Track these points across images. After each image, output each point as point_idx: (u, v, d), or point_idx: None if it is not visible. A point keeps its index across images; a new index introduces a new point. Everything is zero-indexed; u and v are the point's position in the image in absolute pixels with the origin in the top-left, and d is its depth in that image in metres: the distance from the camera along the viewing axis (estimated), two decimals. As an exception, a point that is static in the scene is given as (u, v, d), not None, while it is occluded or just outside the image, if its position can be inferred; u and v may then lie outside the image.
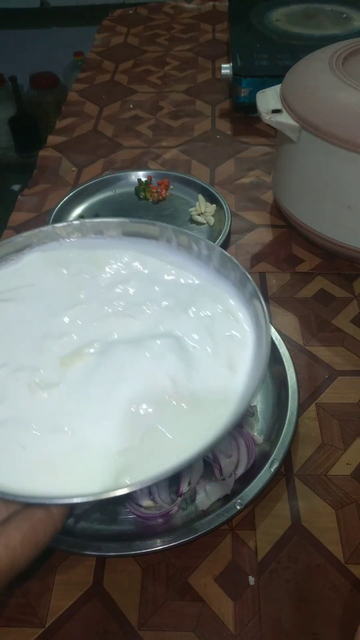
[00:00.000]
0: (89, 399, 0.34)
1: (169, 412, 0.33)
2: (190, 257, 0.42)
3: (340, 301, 0.60)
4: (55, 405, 0.34)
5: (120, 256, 0.42)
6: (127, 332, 0.37)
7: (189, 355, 0.36)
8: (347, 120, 0.53)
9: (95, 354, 0.36)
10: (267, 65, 0.86)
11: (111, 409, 0.33)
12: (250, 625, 0.37)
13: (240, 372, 0.35)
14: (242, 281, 0.38)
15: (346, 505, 0.43)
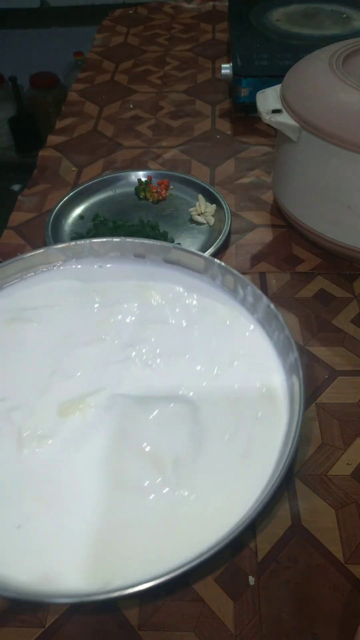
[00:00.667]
0: (75, 469, 0.30)
1: (162, 501, 0.29)
2: (234, 303, 0.38)
3: (340, 301, 0.60)
4: (39, 469, 0.30)
5: (169, 290, 0.38)
6: (141, 384, 0.33)
7: (201, 433, 0.31)
8: (347, 120, 0.53)
9: (98, 407, 0.32)
10: (267, 65, 0.86)
11: (95, 488, 0.29)
12: (250, 625, 0.37)
13: (256, 467, 0.30)
14: (285, 347, 0.34)
15: (346, 505, 0.43)
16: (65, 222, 0.71)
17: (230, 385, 0.34)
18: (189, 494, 0.29)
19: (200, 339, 0.36)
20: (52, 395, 0.33)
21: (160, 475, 0.30)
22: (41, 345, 0.35)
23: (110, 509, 0.29)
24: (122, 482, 0.30)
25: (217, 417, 0.32)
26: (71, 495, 0.29)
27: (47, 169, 0.82)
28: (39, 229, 0.70)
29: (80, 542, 0.28)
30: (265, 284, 0.62)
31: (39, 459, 0.30)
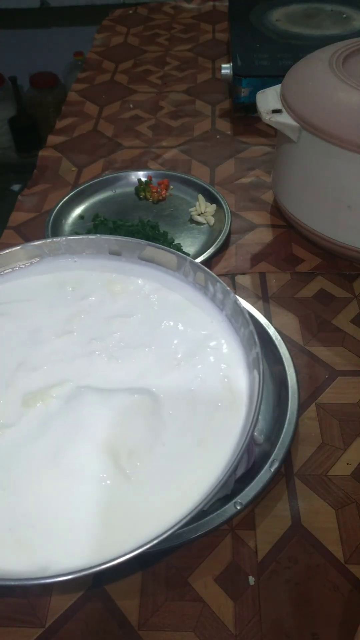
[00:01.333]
0: (34, 456, 0.31)
1: (114, 491, 0.29)
2: (204, 299, 0.39)
3: (340, 301, 0.60)
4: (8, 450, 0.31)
5: (140, 286, 0.39)
6: (105, 377, 0.34)
7: (160, 424, 0.32)
8: (347, 120, 0.53)
9: (60, 398, 0.33)
10: (267, 65, 0.86)
11: (51, 476, 0.30)
12: (250, 625, 0.37)
13: (211, 456, 0.31)
14: (249, 342, 0.35)
15: (346, 505, 0.43)
16: (65, 222, 0.71)
17: (192, 378, 0.35)
18: (142, 484, 0.30)
19: (165, 333, 0.37)
20: (17, 387, 0.34)
21: (114, 465, 0.31)
22: (10, 339, 0.36)
23: (60, 496, 0.30)
24: (75, 470, 0.31)
25: (177, 409, 0.33)
26: (24, 481, 0.30)
27: (47, 169, 0.82)
28: (39, 229, 0.70)
29: (23, 526, 0.29)
30: (265, 284, 0.62)
31: (0, 446, 0.32)
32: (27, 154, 1.98)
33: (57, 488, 0.30)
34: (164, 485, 0.30)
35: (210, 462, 0.31)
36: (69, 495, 0.30)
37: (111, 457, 0.31)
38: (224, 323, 0.38)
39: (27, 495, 0.30)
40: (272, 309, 0.59)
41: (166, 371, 0.35)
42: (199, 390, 0.34)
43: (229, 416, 0.33)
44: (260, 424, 0.48)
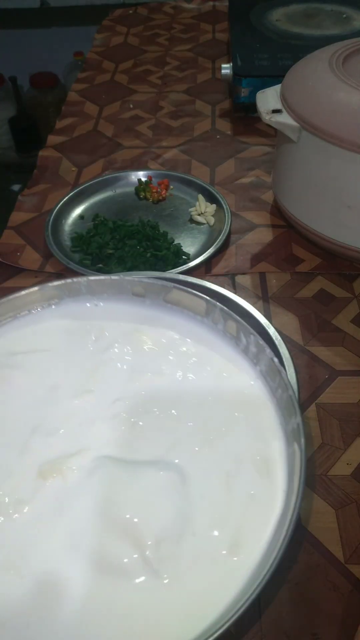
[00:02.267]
0: (51, 537, 0.28)
1: (140, 590, 0.26)
2: (235, 352, 0.35)
3: (340, 301, 0.60)
4: (14, 535, 0.28)
5: (162, 337, 0.35)
6: (129, 446, 0.30)
7: (190, 508, 0.28)
8: (347, 120, 0.53)
9: (80, 470, 0.29)
10: (267, 65, 0.86)
11: (72, 561, 0.26)
12: (250, 625, 0.37)
13: (245, 556, 0.27)
14: (288, 409, 0.30)
15: (346, 505, 0.43)
16: (65, 222, 0.71)
17: (223, 453, 0.30)
18: (170, 580, 0.26)
19: (194, 394, 0.33)
20: (32, 454, 0.30)
21: (140, 557, 0.27)
22: (25, 397, 0.32)
23: (89, 594, 0.26)
24: (96, 561, 0.27)
25: (207, 492, 0.29)
26: (47, 569, 0.27)
27: (47, 169, 0.82)
28: (39, 229, 0.70)
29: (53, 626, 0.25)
30: (265, 284, 0.62)
31: (15, 526, 0.28)
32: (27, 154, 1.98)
33: (86, 584, 0.27)
34: (194, 585, 0.26)
35: (242, 566, 0.27)
36: (101, 594, 0.26)
37: (137, 548, 0.27)
38: (258, 383, 0.34)
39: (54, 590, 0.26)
40: (272, 309, 0.59)
41: (195, 444, 0.31)
42: (230, 470, 0.30)
43: (265, 506, 0.29)
44: (261, 424, 0.47)
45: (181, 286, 0.37)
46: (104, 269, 0.63)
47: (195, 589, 0.26)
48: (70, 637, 0.24)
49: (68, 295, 0.37)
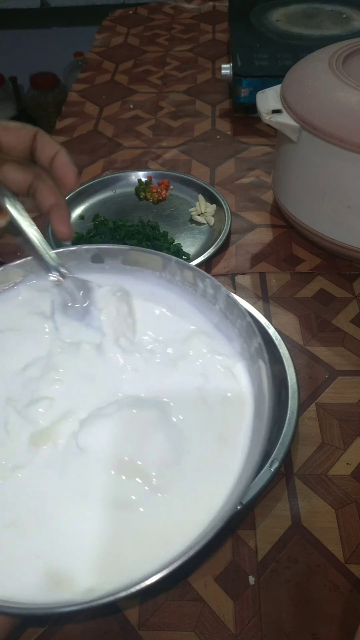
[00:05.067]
0: (61, 489, 0.29)
1: (157, 503, 0.28)
2: (194, 296, 0.38)
3: (340, 301, 0.60)
4: (18, 492, 0.29)
5: (125, 296, 0.37)
6: (107, 397, 0.33)
7: (178, 433, 0.31)
8: (347, 120, 0.53)
9: (69, 434, 0.31)
10: (267, 65, 0.86)
11: (80, 506, 0.29)
12: (250, 625, 0.37)
13: (236, 448, 0.30)
14: (249, 334, 0.33)
15: (346, 505, 0.43)
16: (65, 222, 0.71)
17: (194, 376, 0.34)
18: (177, 496, 0.29)
19: (157, 337, 0.36)
20: (21, 426, 0.32)
21: (146, 485, 0.30)
22: (3, 373, 0.34)
23: (100, 526, 0.29)
24: (109, 500, 0.29)
25: (188, 411, 0.32)
26: (54, 518, 0.29)
27: (47, 169, 0.82)
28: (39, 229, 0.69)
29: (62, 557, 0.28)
30: (265, 284, 0.62)
31: (19, 484, 0.30)
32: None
33: (88, 520, 0.29)
34: (200, 492, 0.29)
35: (233, 460, 0.30)
36: (99, 525, 0.28)
37: (144, 481, 0.29)
38: (219, 318, 0.37)
39: (61, 529, 0.29)
40: (272, 309, 0.59)
41: (166, 378, 0.34)
42: (204, 387, 0.33)
43: (240, 408, 0.32)
44: (260, 424, 0.48)
45: (136, 247, 0.39)
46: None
47: (198, 495, 0.29)
48: (91, 557, 0.27)
49: (31, 272, 0.39)
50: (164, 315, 0.38)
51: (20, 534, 0.28)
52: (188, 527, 0.27)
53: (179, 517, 0.29)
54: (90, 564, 0.27)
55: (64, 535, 0.28)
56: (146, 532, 0.28)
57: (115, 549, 0.28)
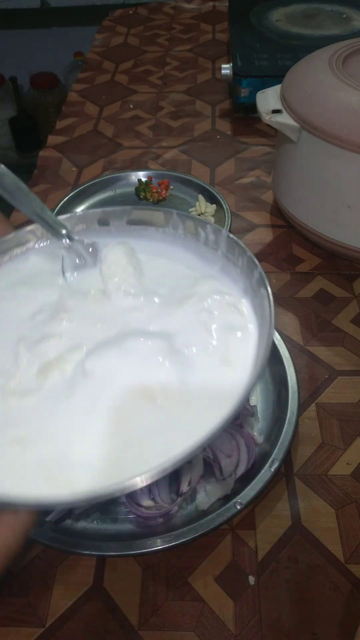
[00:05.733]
0: (68, 409, 0.31)
1: (159, 417, 0.30)
2: (197, 245, 0.39)
3: (340, 301, 0.60)
4: (31, 412, 0.31)
5: (130, 250, 0.39)
6: (112, 332, 0.34)
7: (182, 358, 0.32)
8: (347, 120, 0.53)
9: (76, 363, 0.33)
10: (267, 65, 0.86)
11: (92, 420, 0.30)
12: (250, 625, 0.37)
13: (238, 368, 0.32)
14: (250, 267, 0.35)
15: (346, 505, 0.43)
16: (65, 222, 0.70)
17: (198, 311, 0.35)
18: (181, 412, 0.31)
19: (164, 285, 0.38)
20: (31, 359, 0.34)
21: (150, 404, 0.31)
22: (11, 320, 0.36)
23: (106, 434, 0.30)
24: (114, 416, 0.31)
25: (192, 340, 0.34)
26: (65, 426, 0.31)
27: (47, 169, 0.82)
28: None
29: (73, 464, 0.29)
30: (265, 284, 0.62)
31: (28, 404, 0.32)
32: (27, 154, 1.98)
33: (92, 434, 0.30)
34: (208, 402, 0.31)
35: (237, 378, 0.32)
36: (102, 438, 0.30)
37: (151, 403, 0.31)
38: (222, 260, 0.38)
39: (67, 442, 0.30)
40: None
41: (172, 312, 0.35)
42: (209, 321, 0.35)
43: (244, 335, 0.34)
44: (260, 423, 0.48)
45: (138, 207, 0.41)
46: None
47: (201, 411, 0.30)
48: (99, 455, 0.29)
49: (42, 237, 0.40)
50: (169, 266, 0.39)
51: (28, 448, 0.30)
52: (191, 437, 0.28)
53: (182, 430, 0.30)
54: (91, 470, 0.29)
55: (70, 448, 0.30)
56: (149, 444, 0.29)
57: (116, 459, 0.29)
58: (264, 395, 0.50)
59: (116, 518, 0.42)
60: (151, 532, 0.40)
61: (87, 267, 0.39)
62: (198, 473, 0.43)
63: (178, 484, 0.43)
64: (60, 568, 0.41)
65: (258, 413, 0.48)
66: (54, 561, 0.41)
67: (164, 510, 0.41)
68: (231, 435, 0.44)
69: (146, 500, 0.42)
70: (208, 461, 0.44)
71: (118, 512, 0.42)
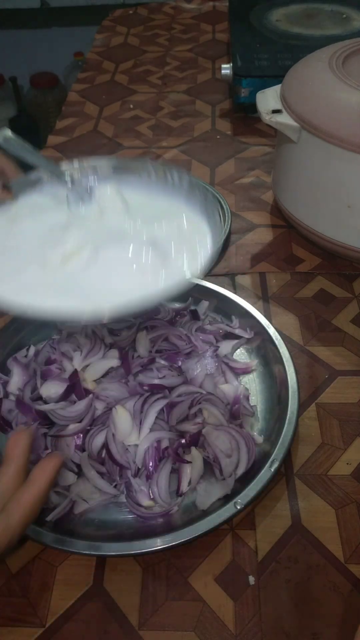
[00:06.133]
0: (88, 266, 0.44)
1: (143, 280, 0.43)
2: (166, 186, 0.50)
3: (340, 301, 0.60)
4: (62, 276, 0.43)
5: (107, 190, 0.51)
6: (113, 236, 0.46)
7: (162, 248, 0.44)
8: (347, 120, 0.53)
9: (90, 251, 0.44)
10: (267, 65, 0.86)
11: (110, 275, 0.43)
12: (250, 625, 0.37)
13: (200, 252, 0.44)
14: (204, 193, 0.48)
15: (346, 505, 0.43)
16: (65, 222, 0.71)
17: (172, 226, 0.47)
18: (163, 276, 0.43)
19: (143, 211, 0.49)
20: (53, 255, 0.44)
21: (141, 275, 0.43)
22: (36, 232, 0.47)
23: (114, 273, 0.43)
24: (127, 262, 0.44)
25: (168, 240, 0.45)
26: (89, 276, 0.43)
27: (47, 169, 0.82)
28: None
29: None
30: (265, 284, 0.62)
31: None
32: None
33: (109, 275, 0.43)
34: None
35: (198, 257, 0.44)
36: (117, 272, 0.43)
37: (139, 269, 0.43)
38: (185, 196, 0.49)
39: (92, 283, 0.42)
40: (272, 309, 0.59)
41: (153, 226, 0.47)
42: (179, 228, 0.47)
43: (203, 234, 0.47)
44: (260, 423, 0.48)
45: (120, 157, 0.55)
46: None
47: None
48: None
49: (49, 179, 0.50)
50: (147, 200, 0.50)
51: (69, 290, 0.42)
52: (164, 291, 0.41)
53: (159, 287, 0.41)
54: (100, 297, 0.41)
55: (94, 287, 0.42)
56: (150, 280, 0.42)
57: (115, 287, 0.42)
58: (264, 395, 0.50)
59: (116, 518, 0.42)
60: (151, 532, 0.40)
61: (85, 202, 0.50)
62: (198, 473, 0.43)
63: (178, 484, 0.43)
64: (60, 568, 0.41)
65: (258, 413, 0.48)
66: (54, 561, 0.41)
67: (164, 511, 0.41)
68: (231, 435, 0.44)
69: (146, 500, 0.42)
70: (208, 461, 0.44)
71: (118, 512, 0.42)
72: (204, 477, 0.43)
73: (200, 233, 0.47)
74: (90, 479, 0.43)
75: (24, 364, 0.51)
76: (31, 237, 0.47)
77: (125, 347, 0.51)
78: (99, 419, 0.46)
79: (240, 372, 0.51)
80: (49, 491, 0.36)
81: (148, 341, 0.51)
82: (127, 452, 0.44)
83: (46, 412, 0.46)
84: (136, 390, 0.47)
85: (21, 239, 0.47)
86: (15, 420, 0.47)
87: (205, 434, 0.44)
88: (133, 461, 0.43)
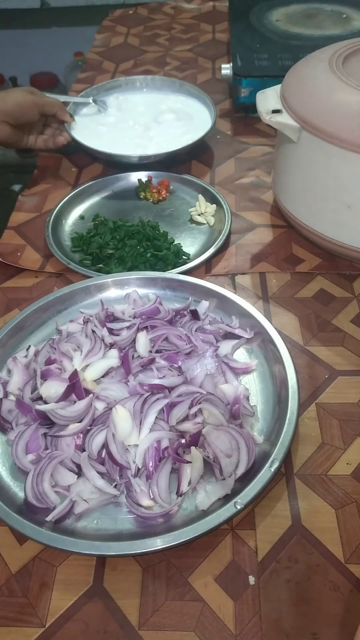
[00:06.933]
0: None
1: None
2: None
3: (340, 301, 0.60)
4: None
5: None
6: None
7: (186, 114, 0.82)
8: (347, 120, 0.53)
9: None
10: (267, 65, 0.86)
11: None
12: (250, 625, 0.37)
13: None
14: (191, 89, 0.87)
15: (346, 505, 0.43)
16: (65, 222, 0.71)
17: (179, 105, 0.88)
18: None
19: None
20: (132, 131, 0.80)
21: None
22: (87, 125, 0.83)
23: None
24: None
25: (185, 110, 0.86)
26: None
27: (47, 169, 0.82)
28: (39, 229, 0.70)
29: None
30: (265, 284, 0.62)
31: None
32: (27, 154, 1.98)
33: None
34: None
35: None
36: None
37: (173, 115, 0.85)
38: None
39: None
40: (272, 309, 0.59)
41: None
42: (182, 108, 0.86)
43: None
44: (260, 423, 0.48)
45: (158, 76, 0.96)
46: (103, 269, 0.63)
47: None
48: None
49: (82, 102, 0.89)
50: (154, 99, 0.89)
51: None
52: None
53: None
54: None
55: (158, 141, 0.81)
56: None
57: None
58: (264, 395, 0.50)
59: (116, 518, 0.42)
60: (151, 532, 0.40)
61: (105, 109, 0.87)
62: (198, 473, 0.43)
63: (178, 484, 0.43)
64: (59, 568, 0.41)
65: (258, 413, 0.48)
66: (54, 561, 0.41)
67: (164, 511, 0.41)
68: (231, 435, 0.44)
69: (146, 500, 0.42)
70: (208, 461, 0.44)
71: (118, 512, 0.42)
72: (204, 477, 0.43)
73: (195, 107, 0.83)
74: (90, 479, 0.43)
75: (24, 364, 0.51)
76: (112, 124, 0.84)
77: (125, 347, 0.51)
78: (99, 419, 0.46)
79: (240, 372, 0.51)
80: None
81: (148, 341, 0.51)
82: (127, 452, 0.44)
83: (46, 412, 0.46)
84: (136, 390, 0.47)
85: (108, 125, 0.84)
86: (15, 420, 0.47)
87: (205, 434, 0.44)
88: (133, 461, 0.43)
